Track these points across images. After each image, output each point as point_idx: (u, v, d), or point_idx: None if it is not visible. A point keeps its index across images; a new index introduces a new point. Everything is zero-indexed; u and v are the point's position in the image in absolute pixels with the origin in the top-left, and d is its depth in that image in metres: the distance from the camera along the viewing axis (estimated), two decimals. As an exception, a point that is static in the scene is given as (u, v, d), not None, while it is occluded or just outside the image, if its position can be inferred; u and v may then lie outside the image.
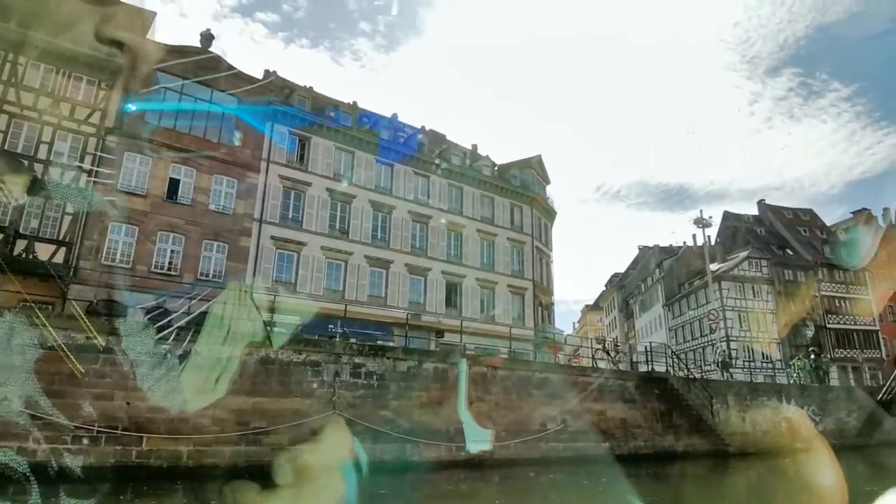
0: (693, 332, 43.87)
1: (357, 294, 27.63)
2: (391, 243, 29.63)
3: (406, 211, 30.69)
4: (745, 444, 19.98)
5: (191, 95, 26.43)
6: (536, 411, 15.34)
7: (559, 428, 15.43)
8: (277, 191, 26.87)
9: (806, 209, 51.40)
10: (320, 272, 26.85)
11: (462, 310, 31.46)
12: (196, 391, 11.13)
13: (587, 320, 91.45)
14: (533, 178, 39.06)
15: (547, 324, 37.59)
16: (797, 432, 22.83)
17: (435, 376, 14.25)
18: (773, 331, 40.76)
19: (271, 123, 27.66)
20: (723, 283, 40.75)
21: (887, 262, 48.20)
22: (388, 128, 32.69)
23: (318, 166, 28.22)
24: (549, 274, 39.20)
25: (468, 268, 32.46)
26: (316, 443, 11.90)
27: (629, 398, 17.41)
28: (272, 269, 25.82)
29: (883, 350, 45.00)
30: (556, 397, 15.87)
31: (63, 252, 22.21)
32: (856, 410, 25.25)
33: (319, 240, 27.21)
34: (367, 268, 28.41)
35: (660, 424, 17.70)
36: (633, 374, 18.32)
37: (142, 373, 11.44)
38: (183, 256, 24.35)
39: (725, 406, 20.30)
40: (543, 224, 39.15)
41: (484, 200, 34.81)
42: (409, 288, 29.71)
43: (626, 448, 16.47)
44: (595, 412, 16.33)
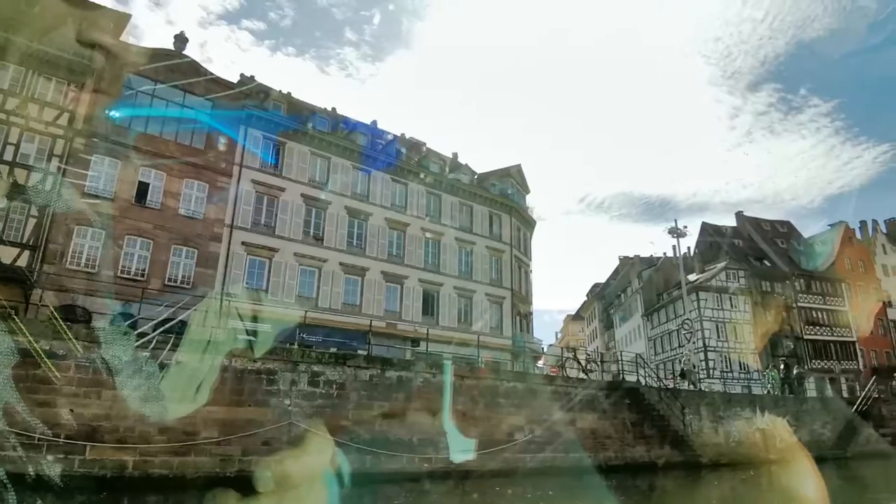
0: (671, 342, 43.85)
1: (331, 302, 27.20)
2: (367, 250, 29.25)
3: (383, 218, 30.36)
4: (718, 455, 19.79)
5: (163, 99, 26.00)
6: (504, 421, 15.01)
7: (527, 438, 15.11)
8: (250, 196, 26.42)
9: (784, 221, 51.92)
10: (293, 279, 26.39)
11: (439, 318, 31.14)
12: (144, 399, 10.67)
13: (569, 330, 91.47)
14: (512, 187, 38.97)
15: (525, 333, 37.39)
16: (771, 443, 22.76)
17: (399, 385, 13.87)
18: (751, 341, 40.87)
19: (245, 128, 27.30)
20: (700, 293, 40.83)
21: (864, 274, 48.77)
22: (366, 134, 32.45)
23: (293, 171, 27.83)
24: (528, 283, 39.04)
25: (446, 276, 32.16)
26: (269, 454, 11.47)
27: (599, 408, 17.15)
28: (243, 276, 25.32)
29: (860, 361, 45.33)
30: (523, 407, 15.56)
31: (27, 255, 21.63)
32: (831, 422, 25.22)
33: (293, 246, 26.77)
34: (342, 275, 27.99)
35: (630, 435, 17.45)
36: (603, 384, 18.07)
37: (88, 379, 10.96)
38: (151, 262, 23.79)
39: (698, 417, 20.11)
40: (523, 233, 39.02)
41: (462, 209, 34.60)
42: (384, 296, 29.32)
43: (596, 459, 16.16)
44: (564, 422, 16.03)
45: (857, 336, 45.49)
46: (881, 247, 51.28)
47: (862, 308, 45.34)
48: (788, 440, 23.41)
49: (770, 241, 47.45)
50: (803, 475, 20.11)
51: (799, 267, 45.42)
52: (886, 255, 51.21)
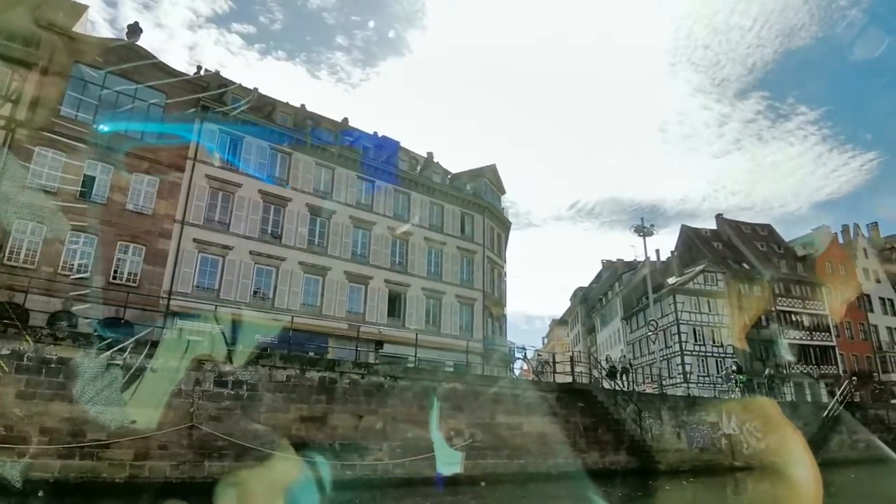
0: (650, 345, 43.02)
1: (289, 302, 26.20)
2: (329, 250, 28.29)
3: (347, 216, 29.43)
4: (679, 462, 18.95)
5: (113, 89, 25.02)
6: (441, 426, 14.08)
7: (466, 443, 14.19)
8: (204, 191, 25.45)
9: (764, 224, 51.30)
10: (247, 278, 25.39)
11: (406, 320, 30.19)
12: (23, 397, 9.68)
13: (555, 335, 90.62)
14: (486, 187, 38.13)
15: (498, 335, 36.49)
16: (738, 450, 21.92)
17: (321, 387, 12.92)
18: (729, 344, 40.13)
19: (201, 121, 26.33)
20: (678, 296, 40.10)
21: (845, 279, 48.23)
22: (332, 130, 31.55)
23: (250, 166, 26.87)
24: (502, 285, 38.16)
25: (414, 277, 31.24)
26: (164, 459, 10.49)
27: (550, 411, 16.24)
28: (193, 274, 24.32)
29: (840, 366, 44.69)
30: (463, 410, 14.64)
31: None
32: (802, 427, 24.41)
33: (248, 244, 25.79)
34: (302, 275, 27.02)
35: (583, 440, 16.54)
36: (554, 386, 17.17)
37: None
38: (94, 258, 22.75)
39: (659, 421, 19.24)
40: (497, 234, 38.18)
41: (433, 208, 33.74)
42: (347, 297, 28.35)
43: (545, 465, 15.28)
44: (509, 426, 15.12)
45: (837, 341, 44.88)
46: (862, 251, 50.83)
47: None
48: (756, 446, 22.64)
49: (750, 244, 46.81)
50: (766, 484, 19.37)
51: (779, 270, 44.78)
52: (867, 260, 50.78)
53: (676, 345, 39.20)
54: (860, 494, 17.19)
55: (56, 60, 24.14)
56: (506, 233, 40.00)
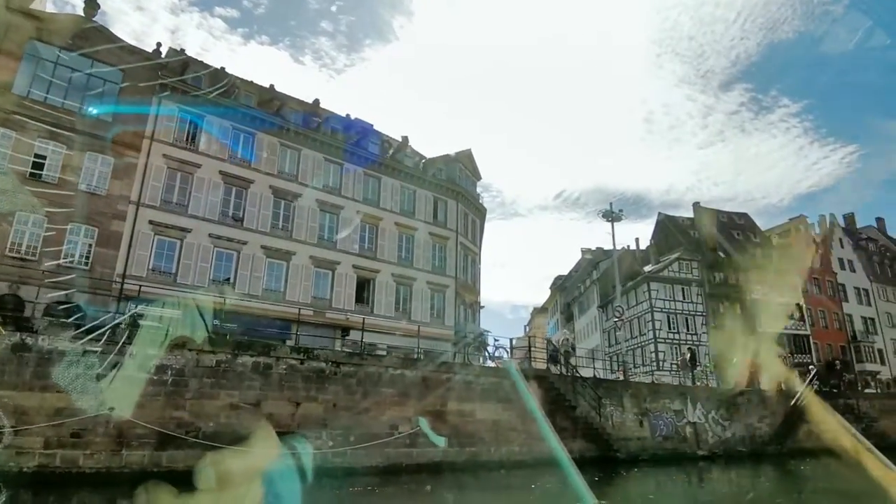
0: (626, 333, 42.85)
1: (250, 287, 25.48)
2: (294, 233, 27.54)
3: (314, 199, 28.65)
4: (640, 450, 18.65)
5: (68, 67, 24.02)
6: (385, 413, 13.57)
7: (414, 431, 13.69)
8: (161, 172, 24.56)
9: (741, 213, 51.22)
10: (206, 262, 24.61)
11: (374, 307, 29.61)
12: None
13: (535, 323, 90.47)
14: (461, 172, 37.46)
15: (470, 323, 36.02)
16: (703, 438, 21.69)
17: (255, 373, 12.33)
18: (703, 333, 40.06)
19: (158, 99, 25.38)
20: (652, 284, 39.89)
21: (820, 268, 48.37)
22: (299, 111, 30.68)
23: (210, 147, 25.99)
24: (476, 272, 37.64)
25: (383, 262, 30.60)
26: (77, 448, 9.87)
27: (504, 398, 15.80)
28: (149, 257, 23.49)
29: (814, 355, 44.87)
30: (411, 397, 14.13)
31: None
32: (769, 416, 24.29)
33: (208, 227, 24.97)
34: (264, 259, 26.27)
35: (538, 427, 16.11)
36: (508, 372, 16.74)
37: None
38: (44, 240, 21.88)
39: (621, 408, 18.89)
40: (471, 220, 37.59)
41: (405, 192, 33.04)
42: (312, 282, 27.66)
43: (497, 453, 14.85)
44: (461, 413, 14.65)
45: (811, 329, 45.03)
46: (838, 241, 50.99)
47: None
48: (722, 435, 22.44)
49: (726, 233, 46.70)
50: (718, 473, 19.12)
51: (755, 258, 44.73)
52: (843, 250, 50.95)
53: (650, 332, 39.02)
54: (813, 487, 16.95)
55: (9, 37, 23.12)
56: (481, 219, 39.41)
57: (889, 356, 48.19)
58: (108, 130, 23.93)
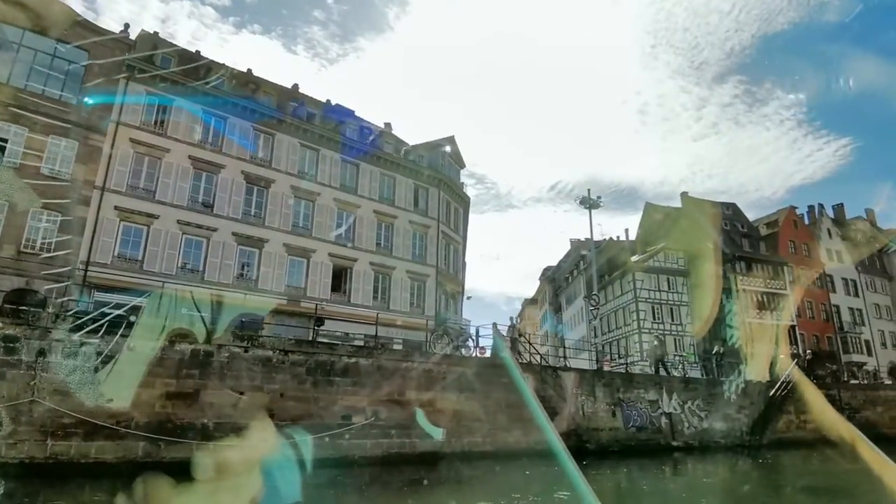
0: (610, 324, 42.57)
1: (220, 275, 24.88)
2: (267, 220, 26.92)
3: (288, 186, 28.02)
4: (611, 441, 18.21)
5: (31, 48, 23.29)
6: (338, 402, 13.06)
7: (368, 422, 13.19)
8: (127, 156, 23.86)
9: (729, 203, 50.73)
10: (174, 249, 23.98)
11: (351, 296, 29.06)
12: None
13: (526, 314, 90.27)
14: (443, 159, 36.83)
15: (453, 313, 35.53)
16: (679, 429, 21.28)
17: (193, 361, 11.78)
18: (688, 323, 39.70)
19: (126, 82, 24.65)
20: (637, 274, 39.45)
21: (808, 258, 48.05)
22: (273, 94, 29.94)
23: (179, 131, 25.28)
24: (458, 261, 37.11)
25: (361, 251, 30.01)
26: None
27: (468, 388, 15.31)
28: (114, 244, 22.84)
29: (801, 346, 44.58)
30: (366, 386, 13.62)
31: None
32: (747, 407, 23.87)
33: (176, 213, 24.32)
34: (235, 246, 25.66)
35: (504, 417, 15.65)
36: (474, 361, 16.25)
37: None
38: (4, 226, 21.23)
39: (592, 398, 18.43)
40: (454, 209, 36.99)
41: (384, 179, 32.40)
42: (286, 270, 27.07)
43: (458, 444, 14.37)
44: (419, 402, 14.15)
45: (798, 320, 44.73)
46: (826, 231, 50.66)
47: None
48: (699, 426, 22.03)
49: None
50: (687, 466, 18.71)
51: (742, 248, 44.35)
52: (832, 240, 50.64)
53: (635, 323, 38.62)
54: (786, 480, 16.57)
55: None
56: (464, 208, 38.82)
57: (876, 347, 48.00)
58: (72, 113, 23.22)
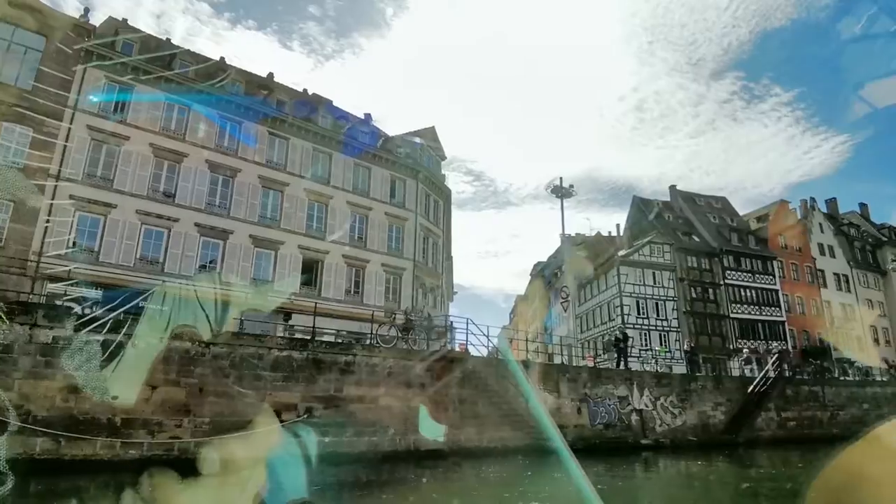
0: (595, 319, 41.73)
1: (181, 266, 24.09)
2: (232, 211, 26.12)
3: (256, 175, 27.21)
4: (576, 439, 17.42)
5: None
6: (266, 399, 12.29)
7: (300, 419, 12.42)
8: (84, 143, 23.06)
9: (719, 197, 49.93)
10: (132, 240, 23.19)
11: (322, 289, 28.25)
12: None
13: (519, 311, 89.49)
14: (423, 150, 35.98)
15: (431, 308, 34.73)
16: (650, 426, 20.52)
17: (103, 352, 11.02)
18: (673, 318, 38.87)
19: (83, 67, 23.83)
20: (621, 268, 38.61)
21: (798, 253, 47.20)
22: (239, 81, 29.10)
23: (140, 118, 24.47)
24: (438, 254, 36.28)
25: (333, 243, 29.19)
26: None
27: (416, 383, 14.54)
28: (69, 234, 22.05)
29: (789, 342, 43.78)
30: (300, 381, 12.86)
31: None
32: (724, 403, 23.12)
33: (135, 202, 23.53)
34: (198, 237, 24.87)
35: (457, 414, 14.89)
36: (425, 355, 15.47)
37: None
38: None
39: (556, 394, 17.66)
40: (433, 201, 36.16)
41: (358, 170, 31.56)
42: (252, 262, 26.29)
43: (405, 443, 13.61)
44: (361, 399, 13.38)
45: (787, 316, 43.87)
46: (818, 225, 49.78)
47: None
48: (672, 423, 21.28)
49: (702, 216, 45.42)
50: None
51: (730, 242, 43.49)
52: (824, 235, 49.77)
53: (619, 318, 37.82)
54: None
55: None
56: (445, 200, 37.98)
57: (868, 343, 47.15)
58: (26, 99, 22.41)
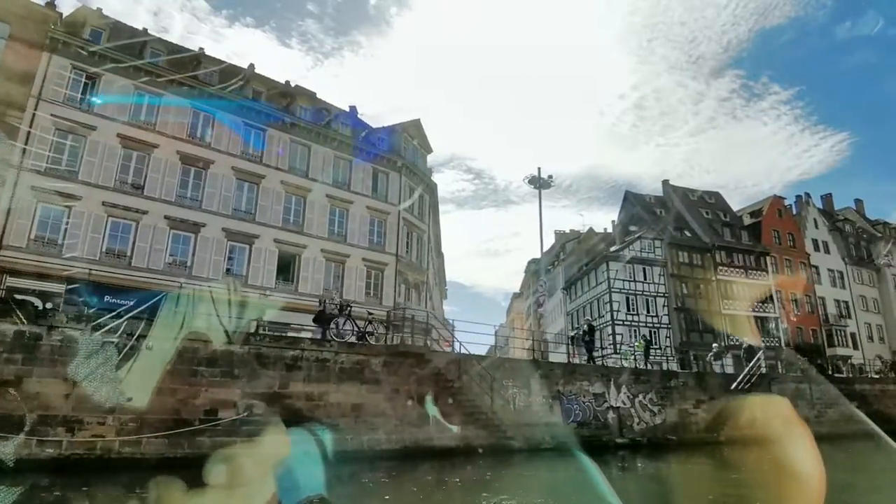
0: (585, 315, 40.89)
1: (150, 261, 23.44)
2: (205, 203, 25.44)
3: (230, 167, 26.52)
4: (548, 437, 16.74)
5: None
6: (201, 395, 11.64)
7: (240, 417, 11.77)
8: (48, 134, 22.40)
9: (713, 192, 49.06)
10: (98, 232, 22.54)
11: (300, 284, 27.59)
12: None
13: (515, 308, 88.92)
14: (407, 143, 35.25)
15: (415, 304, 34.06)
16: (627, 424, 19.84)
17: (16, 345, 10.35)
18: (664, 315, 38.15)
19: (49, 55, 23.19)
20: (611, 264, 37.89)
21: (792, 248, 46.42)
22: (214, 70, 28.34)
23: (107, 108, 23.80)
24: (422, 250, 35.56)
25: (311, 237, 28.51)
26: None
27: (371, 379, 13.87)
28: (31, 227, 21.42)
29: (782, 338, 43.03)
30: (240, 377, 12.20)
31: None
32: (706, 401, 22.41)
33: (101, 194, 22.88)
34: (168, 230, 24.21)
35: (415, 412, 14.21)
36: (381, 350, 14.77)
37: None
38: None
39: (527, 391, 16.98)
40: (418, 195, 35.40)
41: (339, 163, 30.85)
42: (225, 256, 25.62)
43: (355, 442, 12.94)
44: (308, 396, 12.72)
45: (781, 312, 43.11)
46: (813, 221, 48.99)
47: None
48: (651, 421, 20.59)
49: (695, 212, 44.64)
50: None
51: (722, 238, 42.72)
52: (818, 230, 48.98)
53: (608, 314, 37.13)
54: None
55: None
56: (430, 194, 37.25)
57: (862, 340, 46.42)
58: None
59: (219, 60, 29.57)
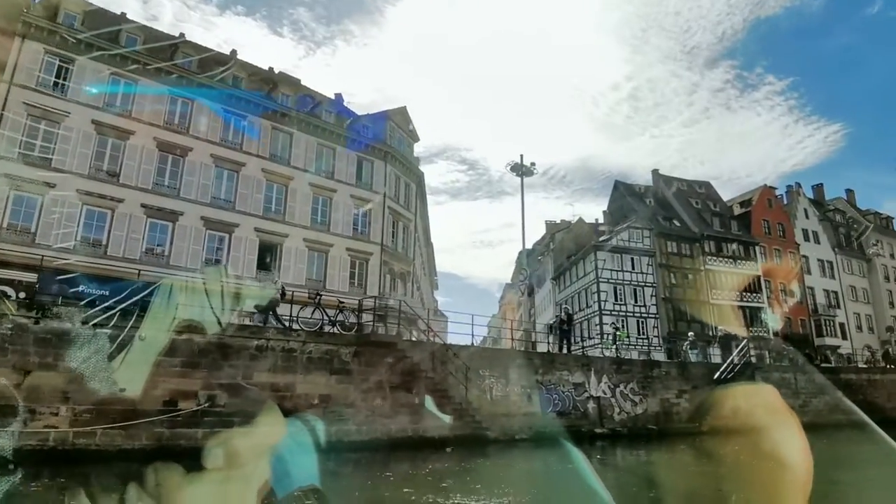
0: (573, 305, 40.78)
1: (126, 249, 23.04)
2: (183, 191, 25.02)
3: (208, 154, 26.08)
4: (523, 428, 16.53)
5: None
6: (159, 386, 11.33)
7: (201, 408, 11.48)
8: (20, 120, 21.90)
9: (703, 181, 48.85)
10: (72, 221, 22.11)
11: (281, 273, 27.18)
12: None
13: (507, 299, 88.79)
14: (393, 131, 34.81)
15: (401, 294, 33.76)
16: (608, 414, 19.66)
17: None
18: (652, 304, 37.99)
19: (22, 39, 22.65)
20: (598, 253, 37.67)
21: (781, 238, 46.28)
22: (190, 54, 27.75)
23: (80, 94, 23.29)
24: (408, 239, 35.23)
25: (293, 226, 28.13)
26: None
27: (340, 368, 13.60)
28: (2, 215, 20.97)
29: (770, 328, 42.95)
30: (201, 367, 11.90)
31: None
32: (689, 391, 22.25)
33: (75, 182, 22.43)
34: (145, 218, 23.80)
35: (387, 403, 13.95)
36: (351, 338, 14.50)
37: None
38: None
39: (504, 381, 16.74)
40: (404, 183, 35.02)
41: (322, 150, 30.42)
42: (204, 245, 25.24)
43: (326, 433, 12.64)
44: (274, 387, 12.44)
45: (769, 302, 43.02)
46: (803, 211, 48.83)
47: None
48: (632, 411, 20.42)
49: (684, 201, 44.41)
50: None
51: (712, 228, 42.53)
52: (808, 220, 48.83)
53: (595, 304, 36.95)
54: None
55: None
56: (416, 183, 36.85)
57: (851, 330, 46.42)
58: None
59: (199, 46, 28.98)
